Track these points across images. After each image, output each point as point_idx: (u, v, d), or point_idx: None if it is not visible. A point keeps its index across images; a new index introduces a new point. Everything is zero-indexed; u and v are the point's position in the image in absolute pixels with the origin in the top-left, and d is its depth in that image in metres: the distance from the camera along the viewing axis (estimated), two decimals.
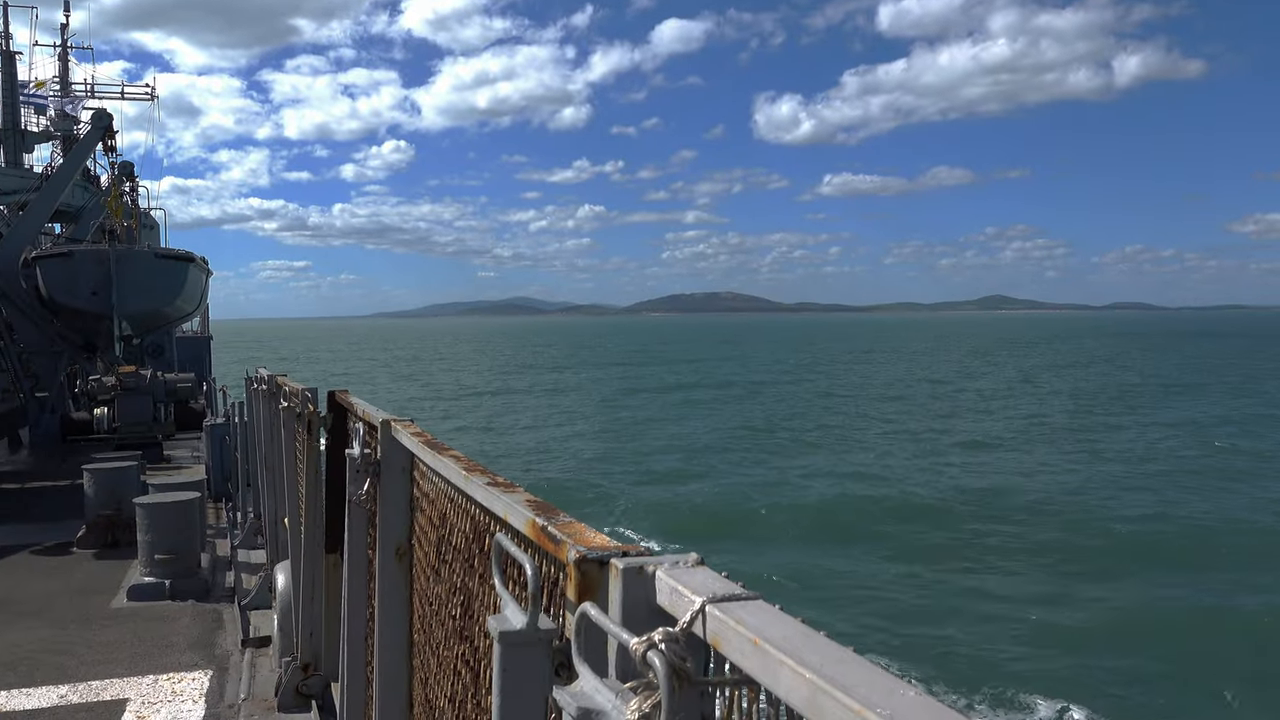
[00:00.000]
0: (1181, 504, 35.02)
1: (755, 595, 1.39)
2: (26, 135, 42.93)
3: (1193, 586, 24.85)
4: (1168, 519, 32.47)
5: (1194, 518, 32.72)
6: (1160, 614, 22.54)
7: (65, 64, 46.82)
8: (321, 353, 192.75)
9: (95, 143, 31.55)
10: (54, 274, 28.60)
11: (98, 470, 14.88)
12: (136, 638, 10.28)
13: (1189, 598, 23.93)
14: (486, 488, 2.55)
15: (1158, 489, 37.97)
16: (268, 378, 10.21)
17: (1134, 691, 18.44)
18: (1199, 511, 33.67)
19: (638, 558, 1.61)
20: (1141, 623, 21.89)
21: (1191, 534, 30.59)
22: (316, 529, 6.93)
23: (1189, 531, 30.84)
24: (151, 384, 25.54)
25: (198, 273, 32.87)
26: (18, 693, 8.66)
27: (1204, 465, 43.75)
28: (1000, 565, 27.46)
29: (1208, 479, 40.21)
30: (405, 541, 4.04)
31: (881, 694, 1.05)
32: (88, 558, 14.02)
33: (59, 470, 22.43)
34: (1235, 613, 22.53)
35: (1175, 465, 43.84)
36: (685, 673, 1.32)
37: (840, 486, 39.84)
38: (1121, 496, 36.51)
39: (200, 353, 40.76)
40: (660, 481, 42.29)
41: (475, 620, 2.81)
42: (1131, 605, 23.26)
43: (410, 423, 4.08)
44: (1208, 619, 22.11)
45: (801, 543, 30.69)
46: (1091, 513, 33.91)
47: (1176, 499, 35.97)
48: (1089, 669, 19.37)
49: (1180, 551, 28.49)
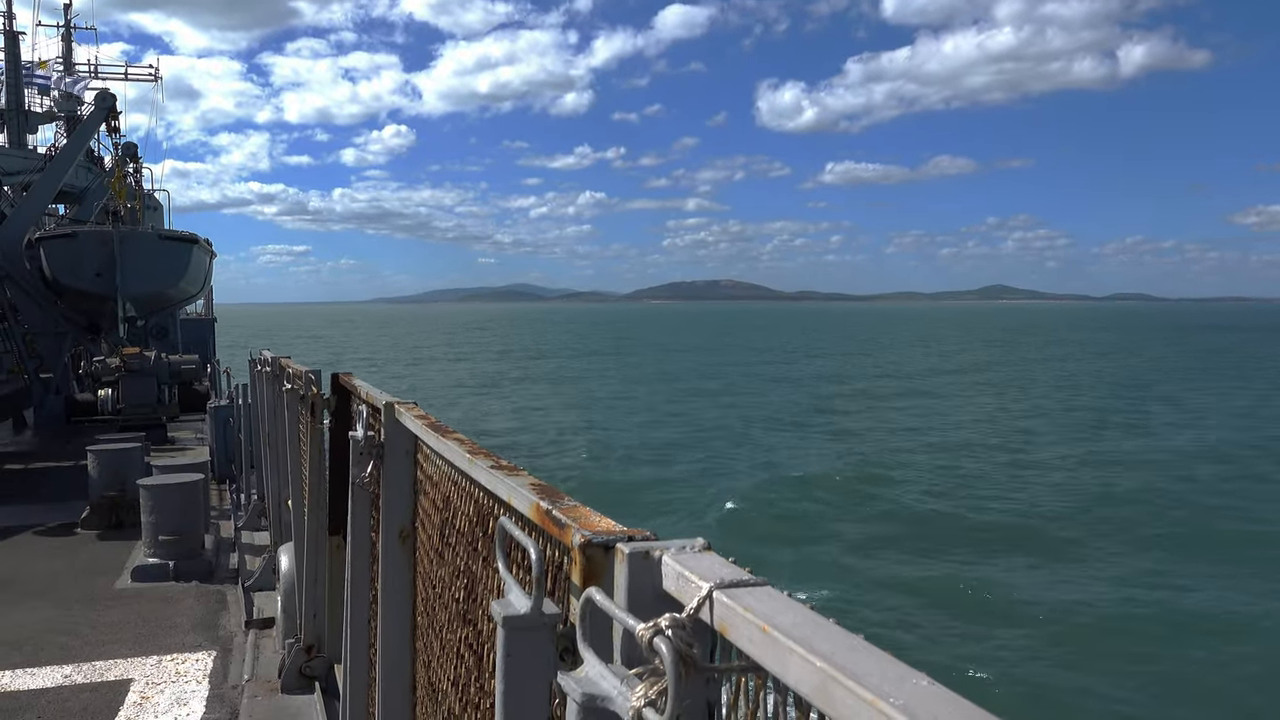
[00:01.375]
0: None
1: (763, 581, 1.37)
2: (30, 116, 42.86)
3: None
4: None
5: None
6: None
7: (69, 44, 46.72)
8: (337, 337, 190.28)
9: (99, 123, 31.49)
10: (58, 255, 28.61)
11: (102, 451, 14.91)
12: (140, 618, 10.31)
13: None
14: (490, 471, 2.53)
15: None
16: (271, 359, 10.20)
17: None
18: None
19: (643, 542, 1.59)
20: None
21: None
22: (320, 511, 6.94)
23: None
24: (156, 366, 25.57)
25: (201, 254, 32.85)
26: (22, 672, 8.69)
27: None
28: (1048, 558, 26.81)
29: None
30: (409, 524, 4.03)
31: (894, 683, 1.03)
32: (92, 538, 14.07)
33: (63, 451, 22.49)
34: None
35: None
36: (692, 659, 1.30)
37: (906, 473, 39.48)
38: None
39: (204, 334, 40.83)
40: (691, 471, 41.53)
41: (479, 604, 2.80)
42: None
43: (414, 405, 4.07)
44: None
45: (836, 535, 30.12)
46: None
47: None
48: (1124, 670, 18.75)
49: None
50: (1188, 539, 28.92)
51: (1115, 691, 17.99)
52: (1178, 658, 19.31)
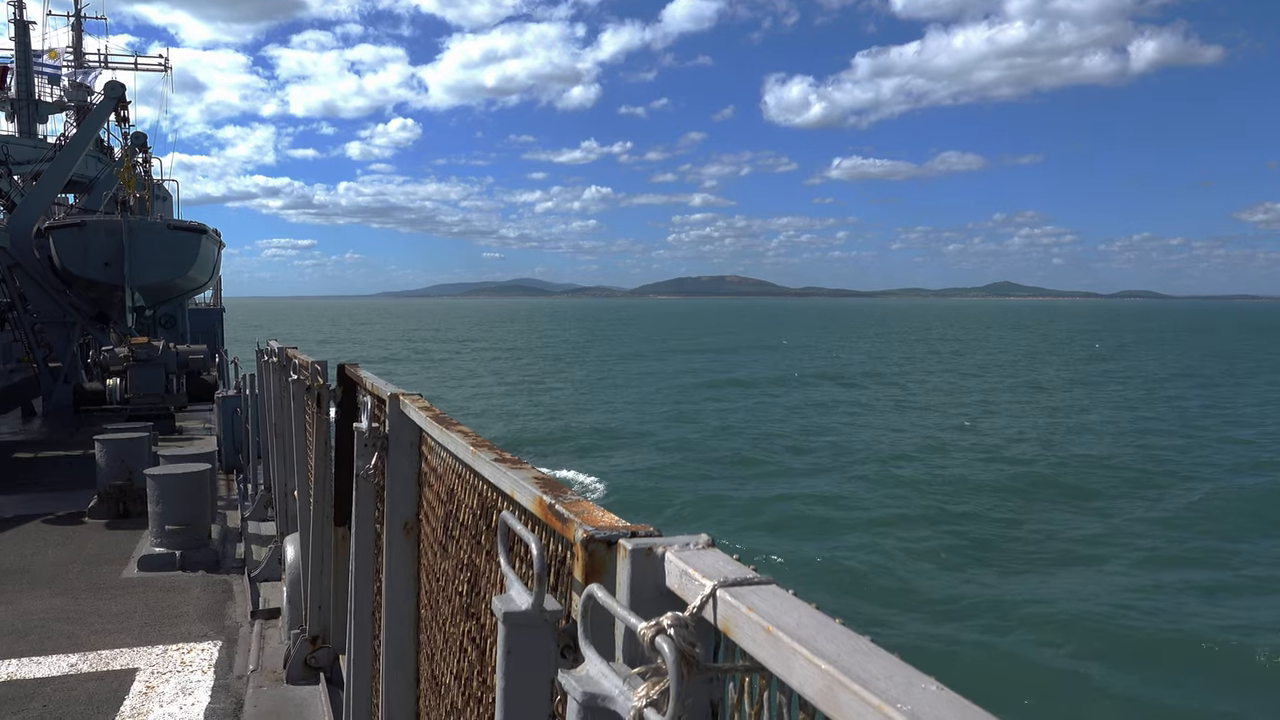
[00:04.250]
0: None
1: (768, 579, 1.35)
2: (40, 105, 42.98)
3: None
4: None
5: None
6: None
7: (79, 34, 46.77)
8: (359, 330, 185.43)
9: (108, 113, 31.53)
10: (67, 244, 28.69)
11: (109, 441, 14.95)
12: (147, 608, 10.34)
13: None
14: (493, 464, 2.50)
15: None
16: (278, 350, 10.20)
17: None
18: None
19: (647, 538, 1.57)
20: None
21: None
22: (325, 502, 6.93)
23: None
24: (164, 355, 25.62)
25: (210, 244, 32.91)
26: (29, 661, 8.72)
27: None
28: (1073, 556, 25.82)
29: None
30: (413, 516, 4.01)
31: (901, 687, 1.00)
32: (99, 527, 14.11)
33: (71, 440, 22.57)
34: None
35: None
36: (694, 659, 1.28)
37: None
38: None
39: (212, 324, 40.94)
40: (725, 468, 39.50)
41: (482, 598, 2.78)
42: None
43: (418, 397, 4.05)
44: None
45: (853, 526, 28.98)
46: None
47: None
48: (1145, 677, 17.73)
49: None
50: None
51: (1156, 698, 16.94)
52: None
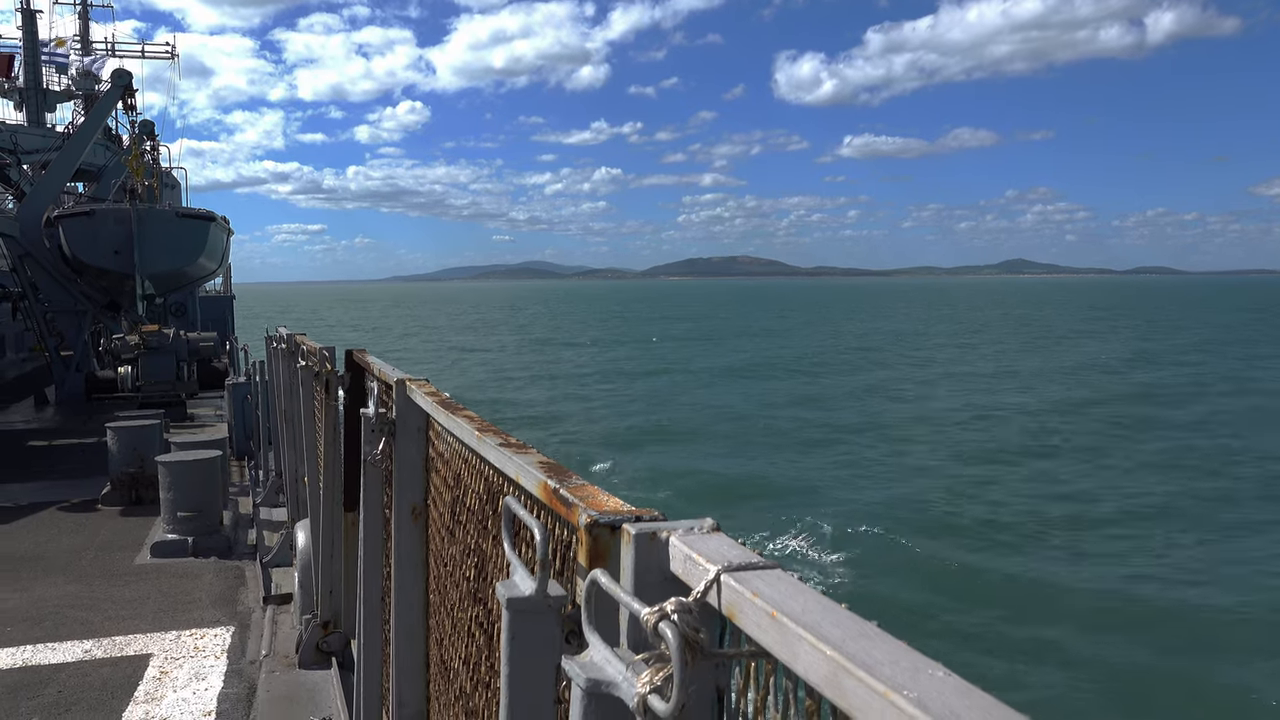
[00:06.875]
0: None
1: (773, 564, 1.33)
2: (48, 94, 43.00)
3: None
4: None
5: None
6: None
7: (85, 22, 46.77)
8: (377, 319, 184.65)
9: (115, 101, 31.54)
10: (76, 233, 28.74)
11: (121, 428, 15.01)
12: (160, 594, 10.40)
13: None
14: (498, 448, 2.49)
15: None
16: (287, 336, 10.21)
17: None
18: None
19: (651, 523, 1.55)
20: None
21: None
22: (335, 487, 6.94)
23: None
24: (174, 343, 25.71)
25: (219, 232, 32.95)
26: (43, 647, 8.78)
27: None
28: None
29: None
30: (420, 502, 4.01)
31: (907, 673, 0.98)
32: (112, 514, 14.20)
33: (84, 428, 22.69)
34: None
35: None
36: (698, 645, 1.26)
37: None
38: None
39: (223, 312, 41.03)
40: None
41: (489, 583, 2.77)
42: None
43: (425, 382, 4.04)
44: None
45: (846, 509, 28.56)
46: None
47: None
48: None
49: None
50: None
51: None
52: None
